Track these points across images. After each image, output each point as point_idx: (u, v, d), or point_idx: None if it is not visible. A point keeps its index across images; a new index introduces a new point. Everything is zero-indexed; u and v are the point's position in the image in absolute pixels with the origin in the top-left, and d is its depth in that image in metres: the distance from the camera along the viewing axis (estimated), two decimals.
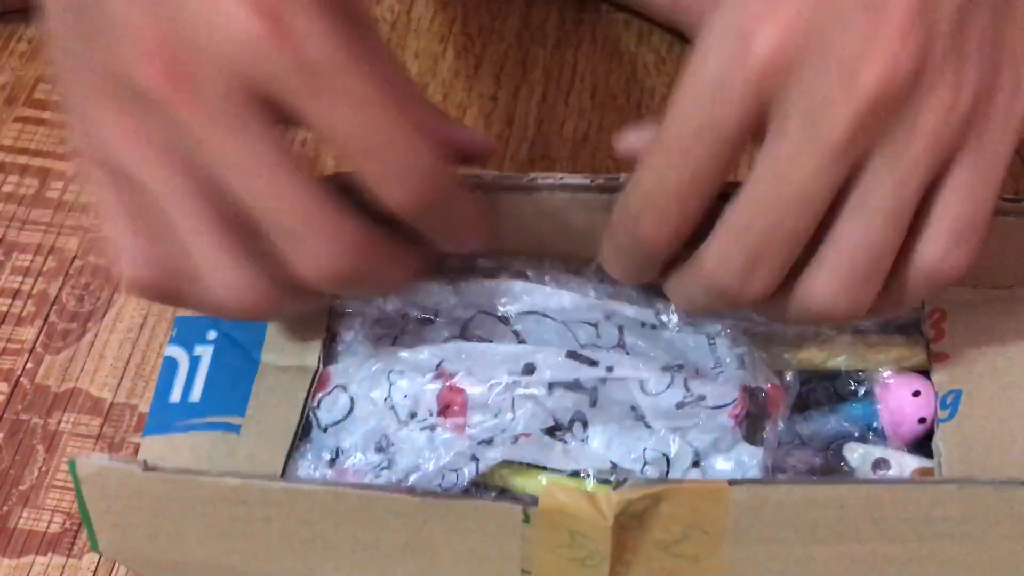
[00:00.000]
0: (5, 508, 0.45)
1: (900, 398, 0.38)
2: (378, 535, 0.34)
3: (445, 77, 0.58)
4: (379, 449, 0.37)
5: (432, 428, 0.37)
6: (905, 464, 0.37)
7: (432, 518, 0.33)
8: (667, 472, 0.36)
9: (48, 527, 0.44)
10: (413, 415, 0.37)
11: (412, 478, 0.36)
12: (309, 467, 0.37)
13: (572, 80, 0.58)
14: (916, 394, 0.38)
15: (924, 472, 0.37)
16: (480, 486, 0.37)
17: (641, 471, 0.36)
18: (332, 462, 0.38)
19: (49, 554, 0.44)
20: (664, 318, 0.39)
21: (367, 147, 0.29)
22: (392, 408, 0.37)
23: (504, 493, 0.37)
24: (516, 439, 0.36)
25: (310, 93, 0.28)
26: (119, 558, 0.36)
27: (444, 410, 0.37)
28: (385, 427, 0.37)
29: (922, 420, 0.38)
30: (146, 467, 0.34)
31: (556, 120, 0.56)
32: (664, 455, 0.37)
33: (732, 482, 0.32)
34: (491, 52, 0.59)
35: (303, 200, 0.30)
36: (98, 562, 0.43)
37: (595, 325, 0.38)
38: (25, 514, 0.45)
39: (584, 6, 0.61)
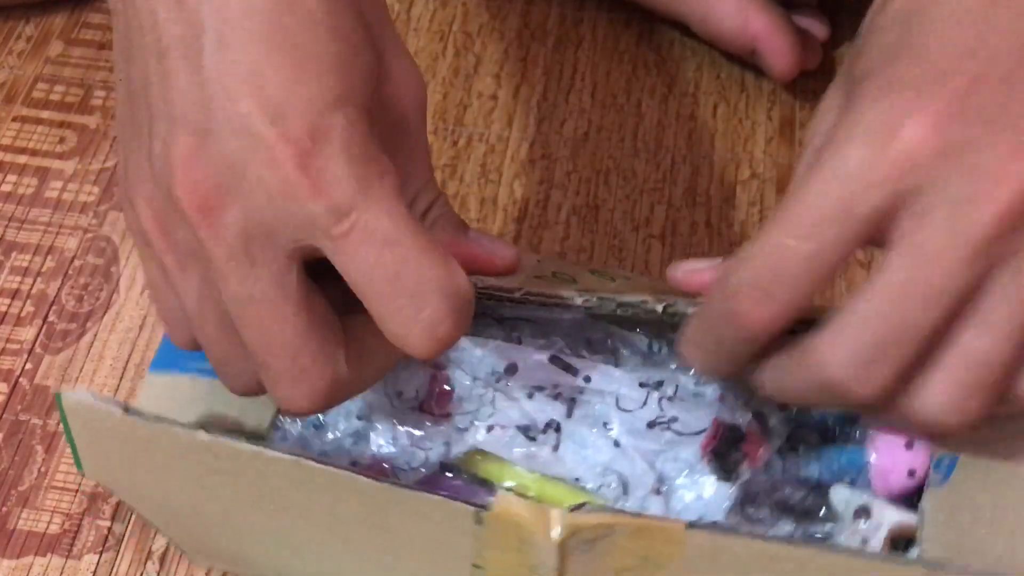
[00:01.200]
0: (4, 509, 0.45)
1: (893, 445, 0.37)
2: (342, 507, 0.34)
3: (445, 76, 0.58)
4: (360, 417, 0.38)
5: (414, 409, 0.38)
6: (886, 517, 0.36)
7: (390, 503, 0.33)
8: (625, 493, 0.36)
9: (47, 528, 0.44)
10: (400, 394, 0.38)
11: (380, 444, 0.37)
12: (295, 425, 0.38)
13: (572, 79, 0.58)
14: (909, 445, 0.37)
15: (904, 530, 0.36)
16: (455, 468, 0.38)
17: (598, 490, 0.36)
18: (316, 427, 0.38)
19: (48, 555, 0.44)
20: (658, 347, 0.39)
21: (387, 293, 0.30)
22: (382, 384, 0.38)
23: (475, 479, 0.38)
24: (491, 428, 0.37)
25: (336, 237, 0.29)
26: (102, 483, 0.37)
27: (429, 396, 0.38)
28: (371, 399, 0.38)
29: (912, 473, 0.37)
30: (126, 410, 0.34)
31: (556, 119, 0.56)
32: (623, 479, 0.36)
33: (690, 524, 0.31)
34: (491, 51, 0.59)
35: (289, 349, 0.31)
36: (97, 563, 0.43)
37: (588, 340, 0.39)
38: (24, 515, 0.44)
39: (584, 4, 0.61)
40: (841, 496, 0.37)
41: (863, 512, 0.36)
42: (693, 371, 0.37)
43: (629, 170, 0.54)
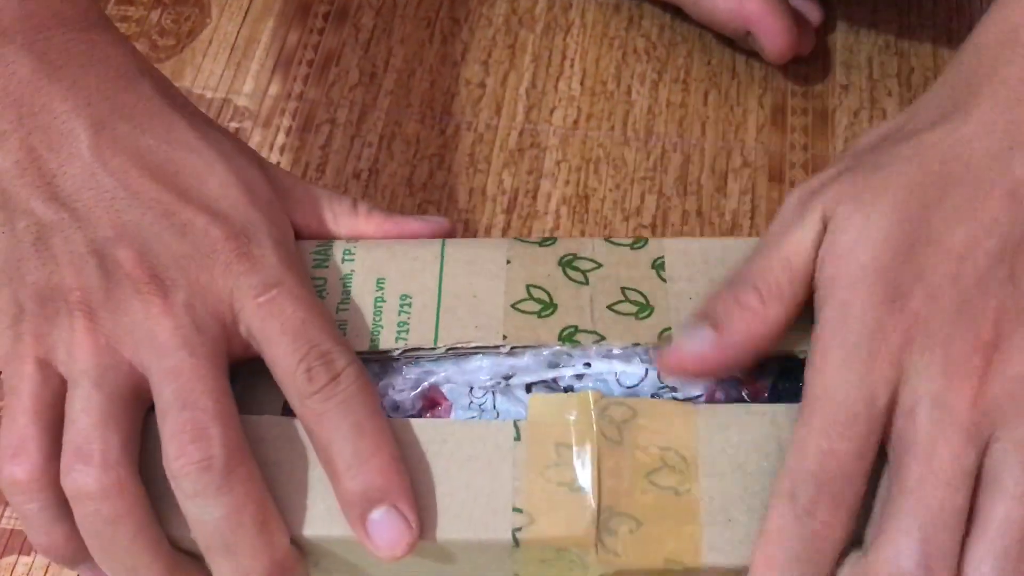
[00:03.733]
0: None
1: None
2: None
3: (432, 63, 0.57)
4: None
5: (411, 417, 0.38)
6: None
7: (433, 443, 0.36)
8: None
9: None
10: (397, 408, 0.38)
11: None
12: None
13: (561, 66, 0.57)
14: None
15: None
16: None
17: None
18: None
19: (32, 554, 0.43)
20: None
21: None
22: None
23: None
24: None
25: (262, 303, 0.36)
26: None
27: (425, 408, 0.38)
28: None
29: None
30: None
31: (545, 107, 0.56)
32: None
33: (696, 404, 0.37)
34: (479, 38, 0.58)
35: (201, 404, 0.35)
36: None
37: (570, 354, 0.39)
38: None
39: None
40: None
41: None
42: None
43: (619, 159, 0.54)
